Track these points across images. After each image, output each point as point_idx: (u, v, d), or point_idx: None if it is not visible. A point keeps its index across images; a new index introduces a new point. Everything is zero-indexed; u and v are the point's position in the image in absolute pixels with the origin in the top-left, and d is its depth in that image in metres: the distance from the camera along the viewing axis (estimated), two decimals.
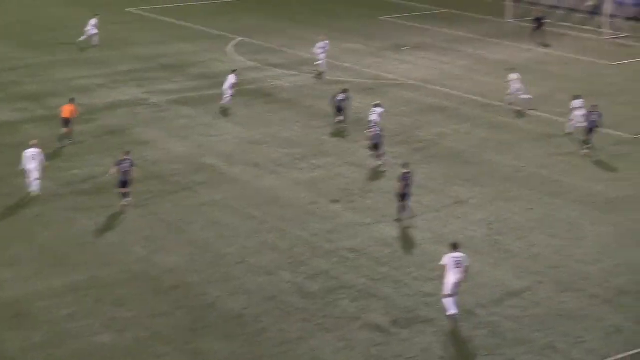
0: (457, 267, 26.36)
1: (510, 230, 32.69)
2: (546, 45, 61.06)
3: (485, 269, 29.74)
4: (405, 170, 33.44)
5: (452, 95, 49.05)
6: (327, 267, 29.84)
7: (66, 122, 41.21)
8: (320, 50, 53.15)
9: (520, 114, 45.71)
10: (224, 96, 46.35)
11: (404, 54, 58.09)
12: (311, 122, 44.44)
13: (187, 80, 51.48)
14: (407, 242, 31.71)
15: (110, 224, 32.87)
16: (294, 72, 53.20)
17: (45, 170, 35.45)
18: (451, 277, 26.35)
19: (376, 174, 37.70)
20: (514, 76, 46.96)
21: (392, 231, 32.52)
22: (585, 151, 40.34)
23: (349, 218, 33.63)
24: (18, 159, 35.24)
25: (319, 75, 52.40)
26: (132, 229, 32.49)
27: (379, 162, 38.52)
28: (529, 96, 46.34)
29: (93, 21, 58.99)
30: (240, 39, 61.62)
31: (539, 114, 45.87)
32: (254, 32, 63.79)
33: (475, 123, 44.54)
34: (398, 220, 33.33)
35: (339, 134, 42.67)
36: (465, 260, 26.58)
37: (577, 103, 42.50)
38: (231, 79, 46.47)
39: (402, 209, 33.43)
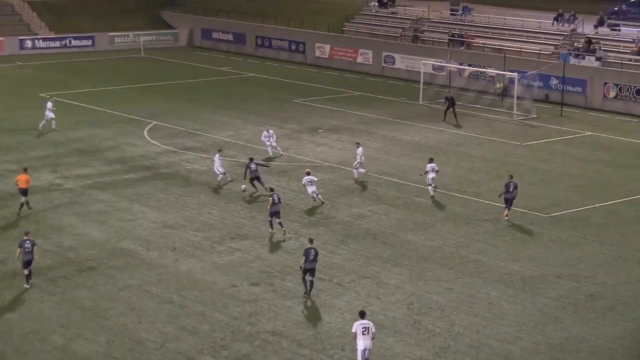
0: (365, 334, 27.49)
1: (430, 310, 32.85)
2: (458, 126, 62.26)
3: (407, 349, 29.79)
4: (309, 246, 33.94)
5: (367, 176, 49.46)
6: (248, 351, 29.57)
7: (23, 191, 42.50)
8: (266, 139, 53.22)
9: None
10: (219, 175, 46.79)
11: (319, 136, 58.60)
12: (228, 205, 44.36)
13: (103, 165, 51.07)
14: (328, 324, 31.61)
15: (25, 312, 32.15)
16: (209, 156, 53.16)
17: None
18: (360, 344, 27.49)
19: (296, 256, 37.59)
20: (360, 151, 48.34)
21: (313, 313, 32.42)
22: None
23: (269, 301, 33.45)
24: None
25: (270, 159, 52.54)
26: (48, 316, 31.84)
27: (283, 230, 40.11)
28: (363, 170, 48.57)
29: (49, 104, 58.58)
30: (155, 122, 61.55)
31: (454, 194, 46.48)
32: (169, 116, 63.82)
33: (391, 204, 44.93)
34: (306, 295, 33.70)
35: (254, 217, 42.66)
36: (372, 327, 27.65)
37: (430, 166, 45.72)
38: (217, 159, 47.42)
39: (305, 284, 33.83)
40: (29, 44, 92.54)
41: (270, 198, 40.35)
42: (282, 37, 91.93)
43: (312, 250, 33.80)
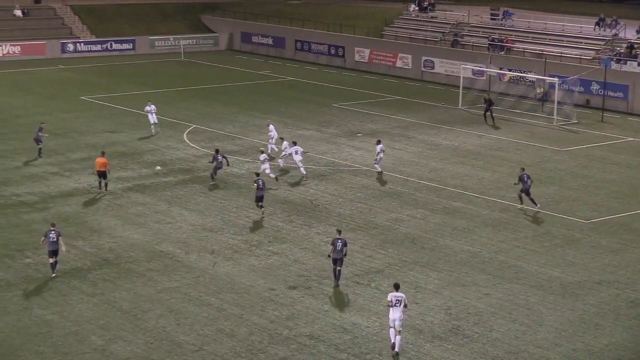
0: (396, 306, 29.61)
1: (468, 315, 32.70)
2: (495, 127, 62.13)
3: (444, 355, 29.67)
4: (337, 236, 35.05)
5: (406, 181, 49.39)
6: (285, 354, 29.58)
7: (102, 174, 45.86)
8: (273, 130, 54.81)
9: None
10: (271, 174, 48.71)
11: (357, 140, 58.55)
12: (267, 208, 44.38)
13: (142, 168, 51.34)
14: (366, 328, 31.55)
15: (65, 313, 32.40)
16: (248, 159, 53.34)
17: None
18: (391, 314, 29.68)
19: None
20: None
21: (350, 317, 32.39)
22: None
23: (306, 304, 33.45)
24: None
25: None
26: (87, 317, 32.05)
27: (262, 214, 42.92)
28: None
29: (149, 107, 59.04)
30: (194, 126, 61.83)
31: (493, 199, 46.27)
32: (208, 119, 64.10)
33: (430, 208, 44.79)
34: (336, 286, 34.83)
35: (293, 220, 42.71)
36: (404, 300, 29.76)
37: (379, 148, 50.01)
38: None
39: (334, 274, 35.03)
40: (70, 47, 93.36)
41: (256, 183, 43.07)
42: (321, 41, 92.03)
43: (340, 241, 34.82)
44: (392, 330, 29.73)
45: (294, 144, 50.17)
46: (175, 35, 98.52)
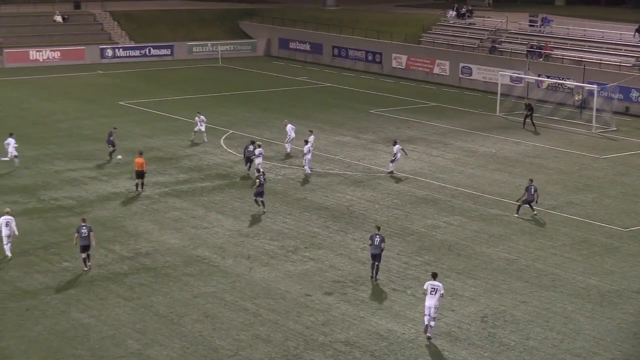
0: (432, 294, 30.83)
1: (505, 323, 32.52)
2: (536, 133, 61.94)
3: None
4: (376, 232, 36.47)
5: (443, 187, 49.26)
6: None
7: (139, 174, 47.24)
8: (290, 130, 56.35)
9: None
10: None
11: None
12: (303, 214, 44.47)
13: (179, 173, 51.57)
14: (402, 335, 31.47)
15: (102, 317, 32.59)
16: (285, 165, 53.43)
17: (13, 236, 37.96)
18: (427, 302, 30.91)
19: (370, 267, 37.54)
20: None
21: (387, 324, 32.31)
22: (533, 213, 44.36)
23: (342, 310, 33.42)
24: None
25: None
26: (124, 321, 32.22)
27: (263, 210, 44.36)
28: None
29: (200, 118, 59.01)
30: (231, 131, 62.04)
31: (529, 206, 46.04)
32: (245, 124, 64.29)
33: (467, 215, 44.62)
34: (373, 279, 36.07)
35: (329, 226, 42.71)
36: (440, 289, 30.99)
37: (396, 148, 51.06)
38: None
39: (374, 269, 36.24)
40: (109, 52, 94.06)
41: (257, 180, 44.43)
42: (358, 48, 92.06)
43: (378, 236, 36.08)
44: (426, 317, 30.92)
45: (259, 146, 51.11)
46: (213, 41, 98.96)
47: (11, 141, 52.53)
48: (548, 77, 74.45)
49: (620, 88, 69.53)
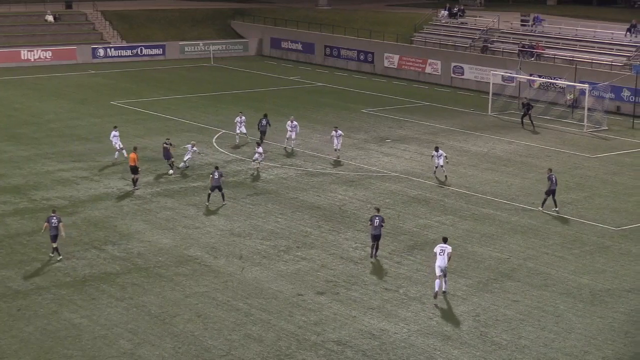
0: (441, 255, 34.06)
1: (496, 322, 32.55)
2: (535, 132, 62.08)
3: None
4: (375, 214, 38.29)
5: (435, 187, 49.30)
6: None
7: (132, 169, 47.64)
8: (289, 128, 56.76)
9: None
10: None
11: (386, 146, 58.48)
12: (295, 213, 44.47)
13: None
14: (394, 335, 31.48)
15: (94, 317, 32.55)
16: (276, 165, 53.42)
17: None
18: (437, 262, 34.15)
19: (362, 266, 37.58)
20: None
21: (378, 323, 32.32)
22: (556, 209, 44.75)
23: (334, 310, 33.43)
24: (2, 251, 35.02)
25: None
26: (116, 321, 32.18)
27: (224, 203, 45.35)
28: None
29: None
30: (223, 131, 62.00)
31: (522, 206, 46.11)
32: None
33: (458, 215, 44.66)
34: (372, 258, 38.09)
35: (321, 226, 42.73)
36: (448, 249, 34.19)
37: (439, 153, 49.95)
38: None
39: (373, 249, 38.27)
40: (101, 52, 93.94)
41: (211, 175, 45.21)
42: (350, 47, 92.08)
43: (377, 217, 37.92)
44: (437, 281, 34.09)
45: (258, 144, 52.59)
46: (205, 40, 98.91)
47: (116, 134, 53.93)
48: (540, 76, 74.54)
49: (612, 87, 69.67)
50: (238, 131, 58.94)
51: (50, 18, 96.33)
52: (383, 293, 34.94)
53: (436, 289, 34.08)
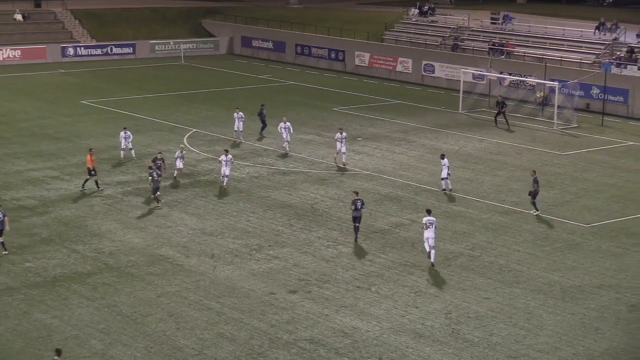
0: (429, 227, 37.45)
1: (468, 319, 32.68)
2: (510, 130, 62.39)
3: (445, 359, 29.66)
4: (356, 197, 40.41)
5: (406, 185, 49.41)
6: (285, 359, 29.60)
7: (90, 171, 47.05)
8: (283, 131, 55.67)
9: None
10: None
11: (357, 144, 58.53)
12: (267, 212, 44.44)
13: (142, 172, 51.25)
14: (366, 332, 31.54)
15: (65, 317, 32.40)
16: (248, 163, 53.35)
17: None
18: (425, 234, 37.58)
19: (334, 264, 37.63)
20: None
21: (351, 321, 32.37)
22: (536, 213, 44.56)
23: (307, 308, 33.44)
24: None
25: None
26: (87, 321, 32.05)
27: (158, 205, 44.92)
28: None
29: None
30: (194, 130, 61.85)
31: (493, 203, 46.30)
32: (208, 123, 64.13)
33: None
34: (355, 240, 40.16)
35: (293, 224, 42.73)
36: (435, 222, 37.62)
37: (444, 162, 47.87)
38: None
39: (356, 230, 40.21)
40: (71, 51, 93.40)
41: (150, 177, 44.92)
42: (321, 46, 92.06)
43: (359, 201, 40.21)
44: (426, 245, 37.51)
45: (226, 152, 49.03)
46: (175, 39, 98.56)
47: (128, 135, 53.75)
48: (510, 74, 74.83)
49: (581, 85, 70.02)
50: (236, 128, 58.65)
51: (19, 17, 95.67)
52: (355, 291, 34.99)
53: (427, 250, 37.71)
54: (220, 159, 48.44)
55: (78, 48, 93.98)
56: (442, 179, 48.04)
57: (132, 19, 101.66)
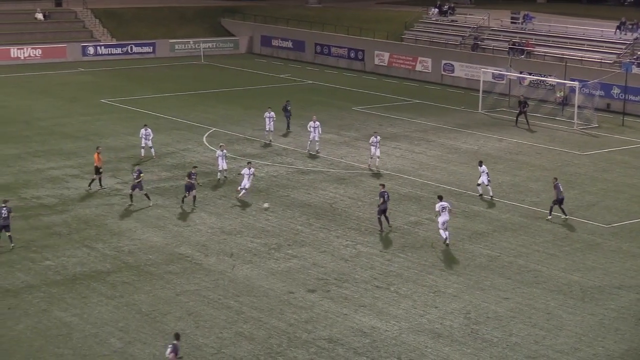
0: (444, 212, 39.35)
1: (487, 319, 32.60)
2: (530, 130, 62.17)
3: (464, 359, 29.59)
4: (382, 190, 41.52)
5: (425, 184, 49.33)
6: (304, 358, 29.59)
7: (97, 170, 47.15)
8: (312, 129, 55.59)
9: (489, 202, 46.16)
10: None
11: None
12: (286, 211, 44.45)
13: (162, 171, 51.45)
14: (385, 332, 31.50)
15: (85, 315, 32.50)
16: (268, 162, 53.38)
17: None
18: (441, 218, 39.37)
19: (353, 264, 37.61)
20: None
21: (369, 321, 32.34)
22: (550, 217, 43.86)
23: (325, 307, 33.43)
24: None
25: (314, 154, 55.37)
26: (107, 320, 32.14)
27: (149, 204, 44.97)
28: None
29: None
30: (214, 129, 61.93)
31: (513, 203, 46.15)
32: (228, 122, 64.20)
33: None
34: (380, 232, 41.02)
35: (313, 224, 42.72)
36: (449, 206, 39.68)
37: (482, 169, 46.80)
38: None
39: (381, 223, 41.03)
40: (91, 50, 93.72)
41: (135, 174, 45.06)
42: (341, 45, 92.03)
43: (386, 193, 41.27)
44: (442, 231, 39.42)
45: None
46: (195, 38, 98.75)
47: (149, 132, 53.87)
48: (530, 74, 74.60)
49: (602, 85, 69.76)
50: (267, 128, 58.44)
51: (40, 16, 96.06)
52: (374, 291, 34.96)
53: (443, 236, 39.49)
54: (242, 172, 47.14)
55: (98, 47, 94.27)
56: (478, 185, 47.14)
57: (150, 18, 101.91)
